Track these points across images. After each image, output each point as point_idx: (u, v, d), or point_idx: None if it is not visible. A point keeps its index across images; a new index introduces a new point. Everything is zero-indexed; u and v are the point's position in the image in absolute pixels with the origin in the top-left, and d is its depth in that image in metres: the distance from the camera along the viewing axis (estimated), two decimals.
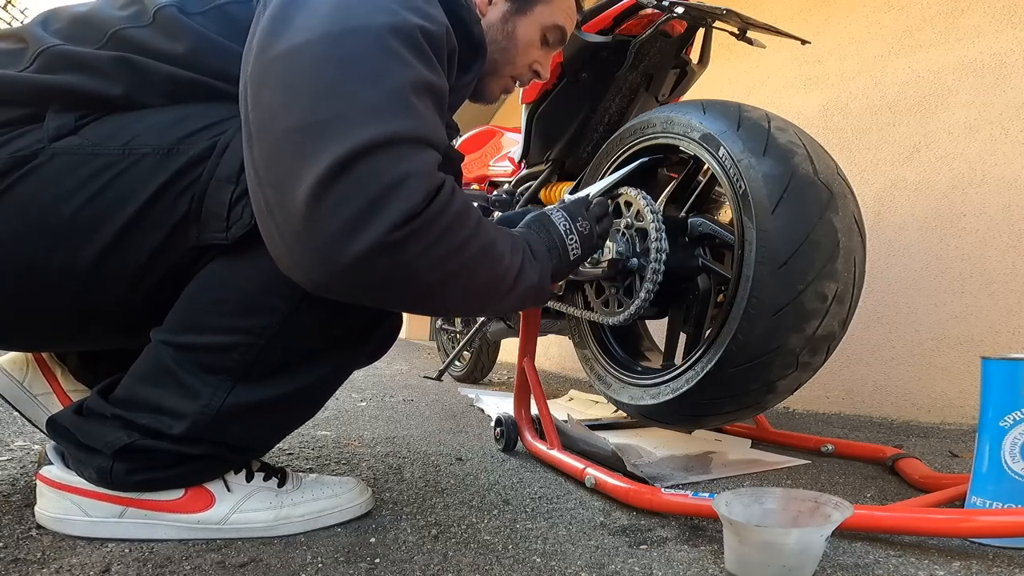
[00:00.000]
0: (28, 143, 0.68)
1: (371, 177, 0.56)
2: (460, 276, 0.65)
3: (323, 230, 0.57)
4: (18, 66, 0.71)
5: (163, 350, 0.72)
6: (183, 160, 0.68)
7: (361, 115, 0.58)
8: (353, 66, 0.60)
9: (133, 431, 0.71)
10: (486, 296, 0.72)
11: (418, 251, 0.60)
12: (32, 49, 0.72)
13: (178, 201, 0.68)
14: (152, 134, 0.69)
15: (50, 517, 0.73)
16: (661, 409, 1.11)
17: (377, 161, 0.57)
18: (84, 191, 0.67)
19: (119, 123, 0.70)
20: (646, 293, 1.09)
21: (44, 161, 0.67)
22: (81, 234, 0.67)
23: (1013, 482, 0.77)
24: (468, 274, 0.66)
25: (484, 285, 0.69)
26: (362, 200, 0.56)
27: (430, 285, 0.63)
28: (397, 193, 0.57)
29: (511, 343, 2.67)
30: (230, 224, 0.68)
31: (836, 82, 2.19)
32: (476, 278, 0.68)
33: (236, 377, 0.72)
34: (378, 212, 0.56)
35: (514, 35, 0.98)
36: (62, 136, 0.68)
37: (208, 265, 0.73)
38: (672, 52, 1.38)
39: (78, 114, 0.70)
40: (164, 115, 0.71)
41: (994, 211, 1.73)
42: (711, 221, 1.12)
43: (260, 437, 0.79)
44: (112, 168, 0.68)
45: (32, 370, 0.96)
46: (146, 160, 0.68)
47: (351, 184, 0.56)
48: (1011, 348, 1.64)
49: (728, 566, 0.69)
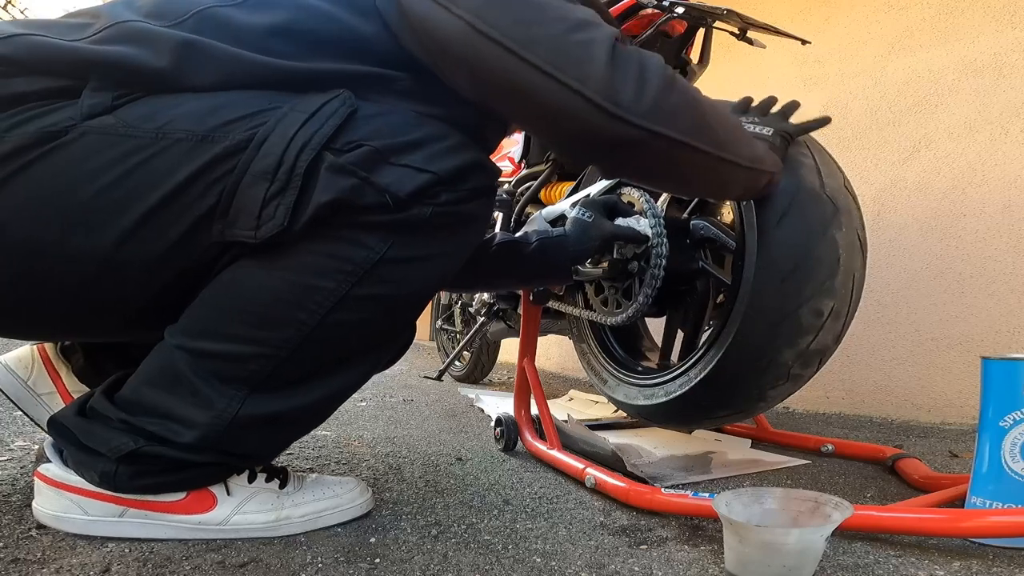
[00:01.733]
0: (60, 119, 0.64)
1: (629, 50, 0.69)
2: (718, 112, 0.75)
3: (629, 79, 0.66)
4: (79, 37, 0.67)
5: (177, 354, 0.70)
6: (217, 149, 0.65)
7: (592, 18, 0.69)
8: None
9: (139, 437, 0.70)
10: (744, 137, 0.80)
11: (684, 83, 0.71)
12: (102, 23, 0.68)
13: (207, 192, 0.65)
14: (188, 119, 0.65)
15: (49, 515, 0.72)
16: (653, 410, 1.14)
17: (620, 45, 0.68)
18: (109, 173, 0.64)
19: (157, 106, 0.66)
20: (644, 297, 1.09)
21: (73, 139, 0.64)
22: (100, 217, 0.64)
23: (1013, 482, 0.77)
24: (722, 112, 0.77)
25: (735, 125, 0.80)
26: (635, 60, 0.68)
27: (706, 107, 0.72)
28: (646, 54, 0.70)
29: (511, 343, 2.67)
30: (261, 223, 0.65)
31: (836, 82, 2.19)
32: (730, 117, 0.79)
33: (251, 388, 0.70)
34: (647, 64, 0.68)
35: None
36: (97, 114, 0.65)
37: (230, 269, 0.69)
38: (672, 52, 1.37)
39: (116, 93, 0.66)
40: (203, 101, 0.67)
41: (994, 211, 1.73)
42: (713, 225, 1.12)
43: (270, 446, 0.78)
44: (142, 151, 0.64)
45: (37, 369, 0.95)
46: (178, 146, 0.64)
47: (623, 54, 0.67)
48: (1011, 348, 1.64)
49: (728, 566, 0.69)
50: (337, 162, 0.65)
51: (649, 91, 0.66)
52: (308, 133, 0.65)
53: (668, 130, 0.68)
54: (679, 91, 0.69)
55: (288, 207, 0.64)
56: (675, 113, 0.68)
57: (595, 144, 0.69)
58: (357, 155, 0.65)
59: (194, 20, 0.69)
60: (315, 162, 0.64)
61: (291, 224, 0.64)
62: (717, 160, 0.74)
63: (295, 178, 0.64)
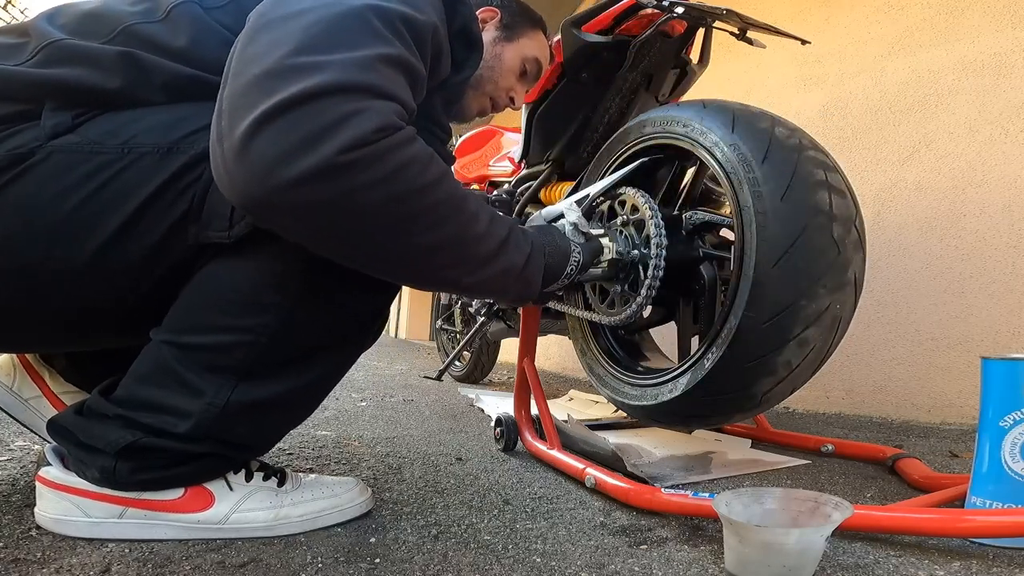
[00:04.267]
0: (25, 140, 0.67)
1: (328, 111, 0.57)
2: (419, 221, 0.63)
3: (269, 148, 0.56)
4: (17, 60, 0.70)
5: (165, 350, 0.72)
6: (183, 159, 0.69)
7: (327, 66, 0.59)
8: (333, 33, 0.61)
9: (136, 430, 0.71)
10: (458, 255, 0.69)
11: (366, 181, 0.58)
12: (34, 43, 0.71)
13: (178, 200, 0.69)
14: (152, 133, 0.69)
15: (50, 518, 0.72)
16: (646, 410, 1.15)
17: (333, 99, 0.57)
18: (83, 189, 0.67)
19: (117, 122, 0.70)
20: (648, 289, 1.09)
21: (42, 159, 0.67)
22: (79, 232, 0.67)
23: (1013, 482, 0.77)
24: (431, 223, 0.64)
25: (453, 240, 0.68)
26: (313, 126, 0.56)
27: (380, 221, 0.61)
28: (348, 122, 0.57)
29: (511, 343, 2.67)
30: (233, 223, 0.69)
31: (836, 82, 2.19)
32: (441, 229, 0.66)
33: (239, 375, 0.72)
34: (327, 136, 0.56)
35: (501, 58, 1.11)
36: (60, 134, 0.68)
37: (207, 266, 0.72)
38: (672, 52, 1.37)
39: (75, 112, 0.69)
40: (163, 115, 0.71)
41: (994, 211, 1.73)
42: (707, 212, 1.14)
43: (264, 434, 0.80)
44: (112, 166, 0.68)
45: (19, 374, 0.96)
46: (146, 159, 0.68)
47: (303, 113, 0.56)
48: (1011, 348, 1.64)
49: (728, 566, 0.69)
50: None
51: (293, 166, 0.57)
52: None
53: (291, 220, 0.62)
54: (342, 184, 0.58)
55: None
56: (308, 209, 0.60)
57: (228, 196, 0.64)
58: None
59: (122, 37, 0.72)
60: None
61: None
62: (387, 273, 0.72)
63: None
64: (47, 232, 0.67)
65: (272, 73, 0.58)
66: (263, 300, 0.72)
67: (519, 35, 1.13)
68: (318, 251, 0.66)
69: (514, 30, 1.13)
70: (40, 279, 0.69)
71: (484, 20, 1.11)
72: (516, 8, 1.16)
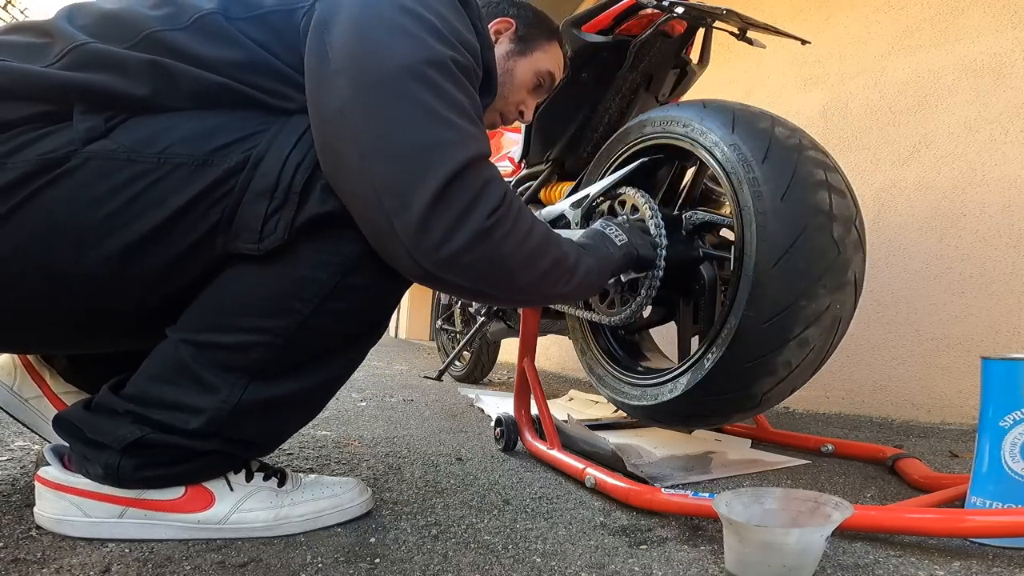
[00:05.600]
0: (59, 144, 0.67)
1: (470, 185, 0.70)
2: (534, 256, 0.77)
3: (441, 225, 0.68)
4: (44, 61, 0.70)
5: (182, 348, 0.73)
6: (217, 172, 0.69)
7: (455, 144, 0.70)
8: (438, 98, 0.70)
9: (146, 426, 0.72)
10: (557, 275, 0.82)
11: (504, 233, 0.72)
12: (60, 45, 0.71)
13: (210, 212, 0.70)
14: (186, 144, 0.70)
15: (49, 518, 0.72)
16: (646, 410, 1.16)
17: (471, 174, 0.70)
18: (119, 197, 0.67)
19: (150, 129, 0.70)
20: (647, 291, 1.09)
21: (78, 165, 0.67)
22: (108, 239, 0.68)
23: (1013, 482, 0.77)
24: (540, 254, 0.78)
25: (554, 264, 0.81)
26: (465, 201, 0.69)
27: (516, 263, 0.75)
28: (486, 194, 0.71)
29: (511, 343, 2.67)
30: (263, 237, 0.70)
31: (836, 82, 2.19)
32: (546, 257, 0.80)
33: (252, 375, 0.73)
34: (476, 208, 0.70)
35: (512, 73, 1.09)
36: (94, 139, 0.68)
37: (230, 270, 0.73)
38: (672, 52, 1.38)
39: (106, 115, 0.69)
40: (195, 124, 0.71)
41: (994, 211, 1.73)
42: (708, 211, 1.14)
43: (272, 433, 0.81)
44: (147, 176, 0.68)
45: (20, 374, 0.96)
46: (180, 170, 0.69)
47: (458, 191, 0.69)
48: (1011, 348, 1.64)
49: (728, 566, 0.69)
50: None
51: (455, 241, 0.68)
52: (300, 154, 0.71)
53: (456, 278, 0.71)
54: (489, 245, 0.71)
55: (288, 222, 0.70)
56: (471, 265, 0.70)
57: (396, 265, 0.72)
58: None
59: (146, 43, 0.72)
60: (310, 180, 0.71)
61: (289, 235, 0.70)
62: (513, 301, 0.83)
63: (292, 195, 0.70)
64: (76, 237, 0.67)
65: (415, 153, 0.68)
66: (284, 305, 0.73)
67: (534, 48, 1.11)
68: (474, 299, 0.80)
69: (528, 43, 1.10)
70: (63, 282, 0.69)
71: (498, 32, 1.09)
72: (532, 18, 1.12)
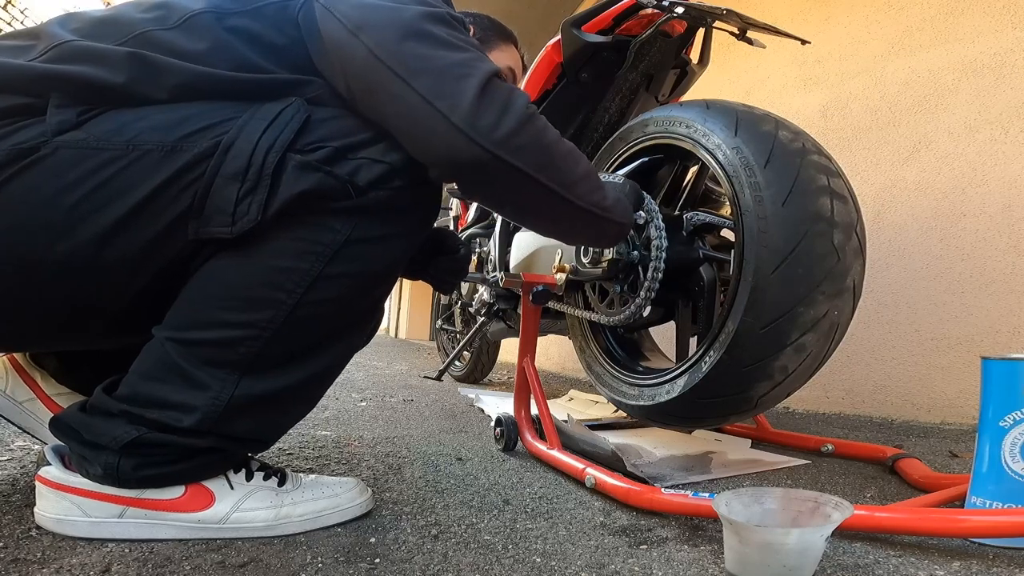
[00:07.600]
0: (30, 136, 0.68)
1: (501, 87, 0.76)
2: (573, 154, 0.82)
3: (491, 112, 0.73)
4: (26, 58, 0.71)
5: (169, 346, 0.73)
6: (187, 158, 0.70)
7: (476, 61, 0.76)
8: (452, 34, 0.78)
9: (141, 425, 0.72)
10: (595, 183, 0.85)
11: (544, 124, 0.78)
12: (44, 44, 0.72)
13: (180, 196, 0.70)
14: (156, 132, 0.71)
15: (50, 518, 0.72)
16: (643, 410, 1.17)
17: (498, 81, 0.76)
18: (87, 184, 0.68)
19: (122, 120, 0.71)
20: (647, 292, 1.09)
21: (47, 154, 0.68)
22: (80, 226, 0.68)
23: (1013, 482, 0.77)
24: (576, 154, 0.83)
25: (589, 170, 0.85)
26: (504, 96, 0.75)
27: (559, 153, 0.79)
28: (517, 93, 0.77)
29: (511, 343, 2.67)
30: (236, 219, 0.70)
31: (836, 82, 2.19)
32: (581, 161, 0.83)
33: (242, 370, 0.73)
34: (514, 102, 0.75)
35: None
36: (65, 130, 0.69)
37: (208, 263, 0.73)
38: (672, 52, 1.38)
39: (80, 109, 0.70)
40: (166, 114, 0.72)
41: (994, 211, 1.73)
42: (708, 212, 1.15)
43: (267, 428, 0.80)
44: (116, 162, 0.69)
45: (12, 378, 0.96)
46: (150, 156, 0.69)
47: (495, 89, 0.75)
48: (1011, 348, 1.64)
49: (728, 566, 0.69)
50: (303, 160, 0.72)
51: (506, 124, 0.73)
52: (271, 137, 0.72)
53: (514, 159, 0.74)
54: (534, 129, 0.76)
55: (260, 203, 0.70)
56: (524, 147, 0.75)
57: (455, 163, 0.75)
58: (320, 154, 0.73)
59: (136, 41, 0.73)
60: (281, 162, 0.72)
61: (263, 218, 0.71)
62: (559, 199, 0.81)
63: (264, 177, 0.71)
64: (49, 226, 0.68)
65: (452, 69, 0.74)
66: (267, 296, 0.73)
67: (492, 48, 1.30)
68: (533, 202, 0.81)
69: (486, 43, 1.28)
70: (39, 274, 0.69)
71: None
72: (488, 24, 1.32)
